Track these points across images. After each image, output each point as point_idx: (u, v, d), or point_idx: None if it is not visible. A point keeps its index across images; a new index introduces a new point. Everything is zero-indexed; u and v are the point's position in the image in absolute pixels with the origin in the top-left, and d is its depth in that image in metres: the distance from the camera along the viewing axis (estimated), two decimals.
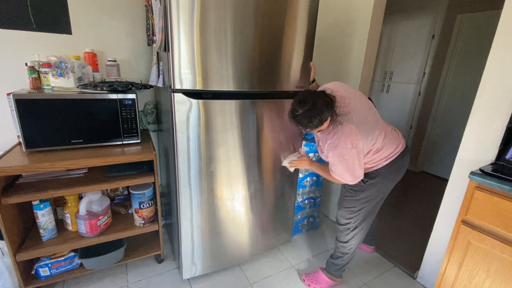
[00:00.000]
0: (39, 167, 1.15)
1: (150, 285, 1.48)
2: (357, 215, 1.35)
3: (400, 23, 3.27)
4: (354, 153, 1.14)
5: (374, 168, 1.28)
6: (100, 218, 1.37)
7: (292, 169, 1.51)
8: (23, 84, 1.41)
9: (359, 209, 1.34)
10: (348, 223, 1.38)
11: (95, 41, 1.56)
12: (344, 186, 1.39)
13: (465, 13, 2.77)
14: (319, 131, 1.20)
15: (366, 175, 1.28)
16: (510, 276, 1.00)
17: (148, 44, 1.65)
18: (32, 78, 1.32)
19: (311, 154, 1.80)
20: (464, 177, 1.30)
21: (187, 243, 1.38)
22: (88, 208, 1.34)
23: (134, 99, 1.36)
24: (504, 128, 1.18)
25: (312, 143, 1.79)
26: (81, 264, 1.41)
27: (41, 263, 1.31)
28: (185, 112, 1.18)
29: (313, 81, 1.50)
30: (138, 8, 1.62)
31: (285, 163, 1.49)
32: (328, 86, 1.24)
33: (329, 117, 1.14)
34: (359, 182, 1.28)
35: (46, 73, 1.33)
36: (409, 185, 2.96)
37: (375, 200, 1.33)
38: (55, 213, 1.45)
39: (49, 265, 1.32)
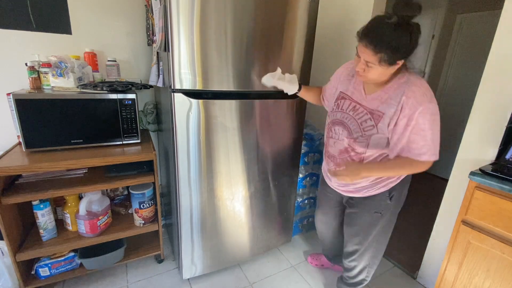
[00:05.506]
0: (39, 167, 1.15)
1: (150, 285, 1.48)
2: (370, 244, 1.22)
3: None
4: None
5: (395, 180, 1.09)
6: (100, 218, 1.37)
7: None
8: (23, 84, 1.41)
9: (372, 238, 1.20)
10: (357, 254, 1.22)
11: (95, 41, 1.56)
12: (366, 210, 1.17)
13: (465, 13, 2.77)
14: (369, 65, 0.88)
15: (393, 188, 1.11)
16: (510, 276, 1.00)
17: (148, 44, 1.65)
18: (32, 78, 1.32)
19: (310, 155, 1.80)
20: (464, 177, 1.30)
21: (187, 243, 1.39)
22: (88, 208, 1.34)
23: (134, 99, 1.36)
24: (504, 128, 1.18)
25: (311, 144, 1.78)
26: (81, 264, 1.41)
27: (41, 263, 1.31)
28: (185, 112, 1.18)
29: (300, 88, 1.30)
30: (138, 8, 1.62)
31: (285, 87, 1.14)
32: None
33: (402, 60, 0.87)
34: (386, 200, 1.11)
35: (46, 73, 1.33)
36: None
37: (389, 227, 1.21)
38: (55, 213, 1.45)
39: (49, 265, 1.32)
